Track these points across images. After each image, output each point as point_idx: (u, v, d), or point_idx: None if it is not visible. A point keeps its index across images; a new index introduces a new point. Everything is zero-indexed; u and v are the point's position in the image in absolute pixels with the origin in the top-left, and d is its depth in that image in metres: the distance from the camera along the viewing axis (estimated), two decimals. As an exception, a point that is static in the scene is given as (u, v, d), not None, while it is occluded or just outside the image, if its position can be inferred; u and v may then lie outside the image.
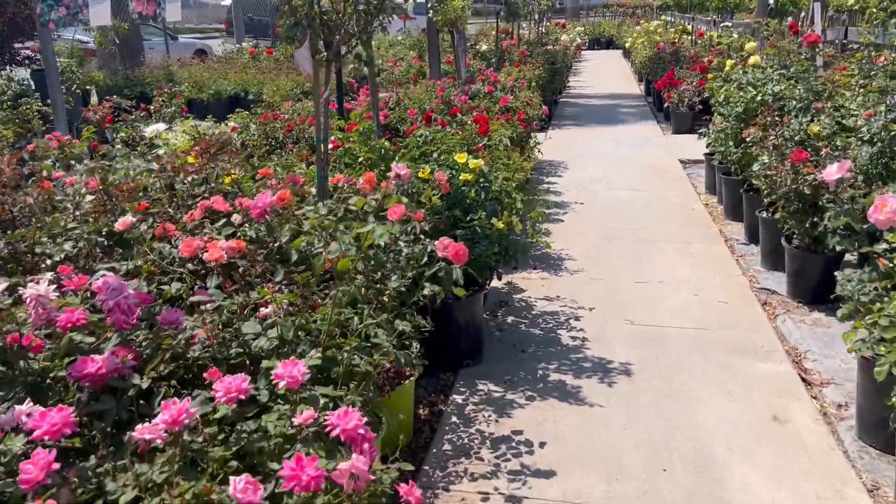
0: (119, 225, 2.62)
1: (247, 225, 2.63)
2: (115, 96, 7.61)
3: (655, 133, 9.48)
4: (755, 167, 4.63)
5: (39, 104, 6.50)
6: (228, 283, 2.30)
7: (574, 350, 3.49)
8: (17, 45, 10.67)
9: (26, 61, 10.61)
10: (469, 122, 4.63)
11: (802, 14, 9.50)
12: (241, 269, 2.34)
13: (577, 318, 3.81)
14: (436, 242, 2.60)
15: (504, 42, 11.10)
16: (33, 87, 8.98)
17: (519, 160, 4.73)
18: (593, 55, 23.22)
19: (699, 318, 3.81)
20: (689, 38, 15.14)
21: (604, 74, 17.23)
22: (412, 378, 2.70)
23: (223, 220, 2.67)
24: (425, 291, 2.57)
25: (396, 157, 3.73)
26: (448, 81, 7.32)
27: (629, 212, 5.85)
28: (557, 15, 31.23)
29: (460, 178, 3.49)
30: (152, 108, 7.48)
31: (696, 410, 2.96)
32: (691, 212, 5.85)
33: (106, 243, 2.68)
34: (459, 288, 2.59)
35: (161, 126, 5.19)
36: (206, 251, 2.29)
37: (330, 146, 3.60)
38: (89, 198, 2.93)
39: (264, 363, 1.87)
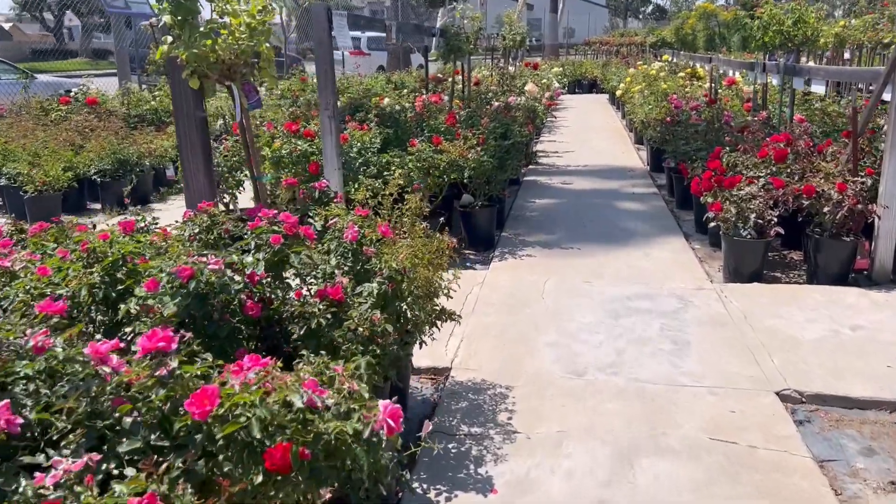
0: None
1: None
2: None
3: (692, 274, 4.99)
4: None
5: None
6: None
7: None
8: None
9: None
10: None
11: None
12: None
13: None
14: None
15: (419, 99, 6.60)
16: None
17: None
18: (575, 101, 18.99)
19: None
20: (700, 83, 10.87)
21: (588, 131, 12.89)
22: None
23: None
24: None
25: None
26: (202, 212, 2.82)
27: None
28: (536, 53, 27.18)
29: None
30: None
31: None
32: None
33: None
34: None
35: None
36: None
37: None
38: None
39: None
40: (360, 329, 2.20)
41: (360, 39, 24.07)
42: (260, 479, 1.39)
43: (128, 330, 2.15)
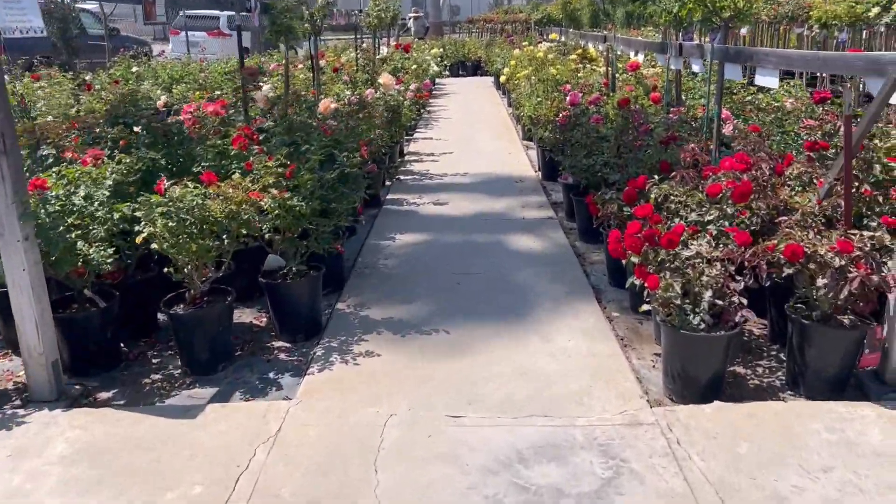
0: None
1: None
2: None
3: (619, 383, 3.14)
4: None
5: None
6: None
7: None
8: None
9: None
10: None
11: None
12: None
13: None
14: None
15: (186, 109, 4.37)
16: None
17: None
18: (457, 85, 17.16)
19: None
20: (594, 66, 9.23)
21: (471, 122, 11.04)
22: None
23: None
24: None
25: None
26: None
27: None
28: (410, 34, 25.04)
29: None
30: None
31: None
32: None
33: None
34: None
35: None
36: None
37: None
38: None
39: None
40: None
41: (218, 18, 21.20)
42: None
43: None
